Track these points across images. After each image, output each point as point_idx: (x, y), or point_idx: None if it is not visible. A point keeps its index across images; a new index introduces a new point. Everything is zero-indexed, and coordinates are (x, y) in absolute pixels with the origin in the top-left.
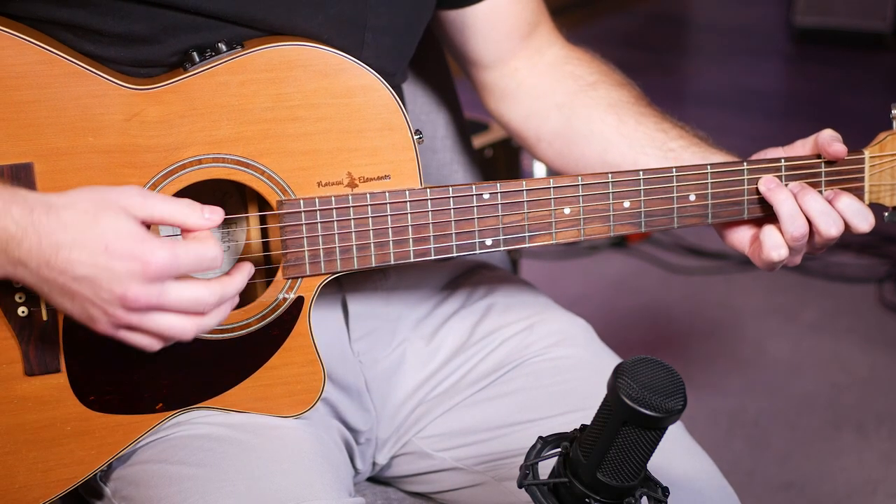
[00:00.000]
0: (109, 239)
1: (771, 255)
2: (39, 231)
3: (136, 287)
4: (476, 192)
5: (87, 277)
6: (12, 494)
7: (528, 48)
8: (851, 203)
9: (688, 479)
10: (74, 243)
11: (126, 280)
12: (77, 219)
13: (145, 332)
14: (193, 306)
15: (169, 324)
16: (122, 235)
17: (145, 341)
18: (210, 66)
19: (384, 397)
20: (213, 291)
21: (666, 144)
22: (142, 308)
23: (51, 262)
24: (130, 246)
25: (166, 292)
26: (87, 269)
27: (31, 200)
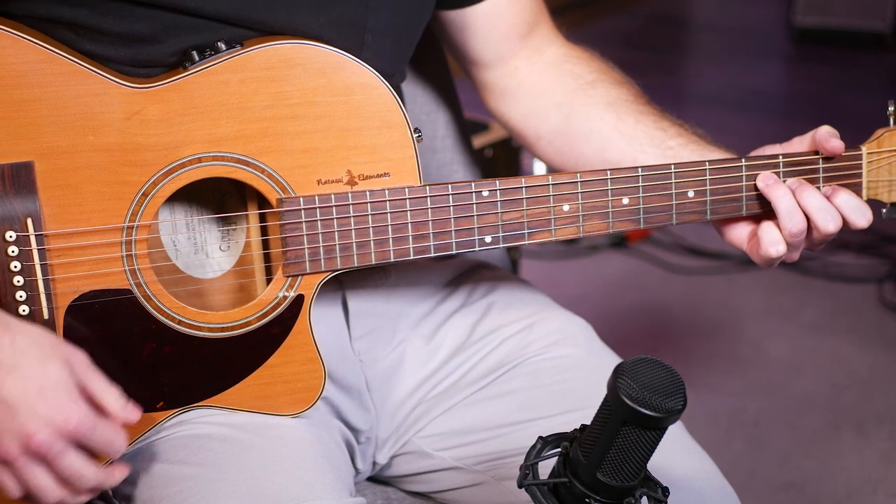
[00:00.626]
0: (48, 382)
1: (769, 251)
2: None
3: (45, 434)
4: (475, 189)
5: (10, 404)
6: None
7: (527, 47)
8: (849, 199)
9: (688, 479)
10: (15, 369)
11: (41, 424)
12: (28, 350)
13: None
14: (75, 480)
15: (42, 482)
16: (60, 385)
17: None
18: (210, 65)
19: (384, 396)
20: (96, 476)
21: (664, 142)
22: (37, 455)
23: None
24: (62, 398)
25: (64, 455)
26: (13, 397)
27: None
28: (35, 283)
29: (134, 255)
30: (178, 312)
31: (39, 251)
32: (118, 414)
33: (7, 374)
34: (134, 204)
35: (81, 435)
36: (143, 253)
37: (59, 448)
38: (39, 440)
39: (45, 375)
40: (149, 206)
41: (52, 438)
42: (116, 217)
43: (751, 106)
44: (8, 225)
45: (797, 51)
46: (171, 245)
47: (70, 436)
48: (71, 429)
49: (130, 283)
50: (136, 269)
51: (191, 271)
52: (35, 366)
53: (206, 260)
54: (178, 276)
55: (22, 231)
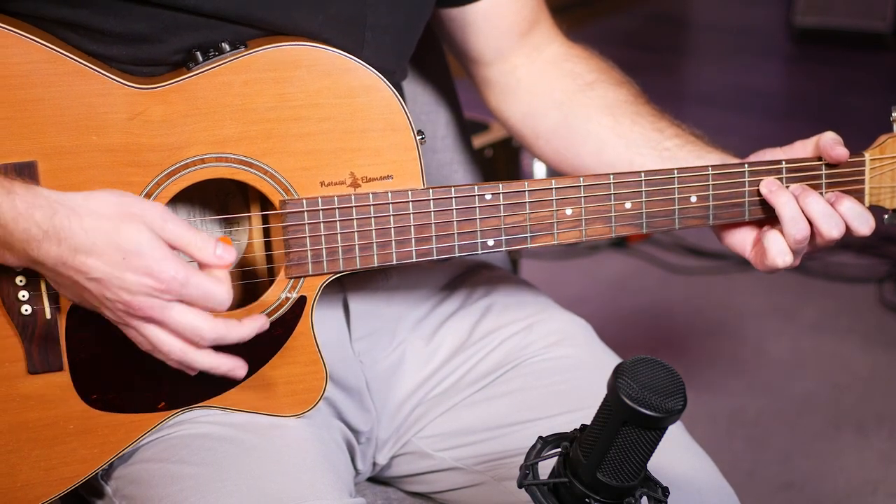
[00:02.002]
0: (127, 250)
1: (776, 261)
2: (60, 235)
3: (143, 298)
4: (478, 192)
5: (99, 280)
6: (14, 493)
7: (527, 45)
8: (853, 206)
9: (687, 479)
10: (93, 249)
11: (135, 290)
12: (98, 226)
13: (138, 333)
14: (189, 334)
15: (160, 338)
16: (140, 249)
17: (137, 338)
18: (213, 66)
19: (384, 397)
20: (213, 328)
21: (661, 144)
22: (142, 317)
23: (67, 263)
24: (146, 261)
25: (169, 311)
26: (101, 274)
27: (53, 202)
28: (37, 283)
29: None
30: None
31: None
32: (207, 260)
33: (87, 257)
34: None
35: (175, 291)
36: None
37: (159, 306)
38: (137, 304)
39: (123, 244)
40: None
41: (148, 300)
42: None
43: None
44: None
45: (797, 51)
46: None
47: (164, 293)
48: (163, 287)
49: None
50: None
51: None
52: (109, 238)
53: None
54: None
55: None
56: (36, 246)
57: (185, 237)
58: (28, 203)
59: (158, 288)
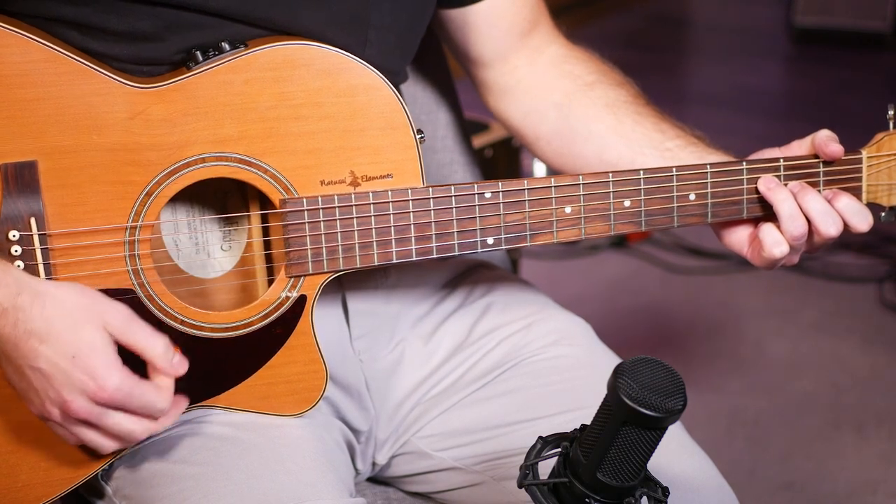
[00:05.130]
0: (81, 349)
1: (773, 251)
2: (18, 316)
3: (82, 402)
4: (478, 191)
5: (43, 372)
6: (14, 493)
7: (527, 46)
8: (851, 203)
9: (687, 479)
10: (47, 337)
11: (76, 392)
12: (59, 317)
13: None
14: (124, 437)
15: (93, 438)
16: (93, 351)
17: (68, 438)
18: (214, 65)
19: (383, 396)
20: (145, 429)
21: (663, 144)
22: (77, 420)
23: (19, 345)
24: (95, 364)
25: (105, 418)
26: (47, 365)
27: (21, 283)
28: None
29: (137, 255)
30: (181, 312)
31: (42, 250)
32: (163, 368)
33: (40, 344)
34: (137, 204)
35: (118, 402)
36: (146, 253)
37: (97, 412)
38: (76, 408)
39: (78, 342)
40: (152, 206)
41: (89, 405)
42: (119, 217)
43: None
44: (11, 224)
45: (797, 51)
46: (172, 245)
47: (106, 403)
48: (106, 396)
49: (133, 283)
50: (139, 269)
51: (192, 271)
52: (67, 333)
53: (208, 260)
54: (179, 276)
55: (25, 230)
56: None
57: (147, 343)
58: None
59: (100, 396)
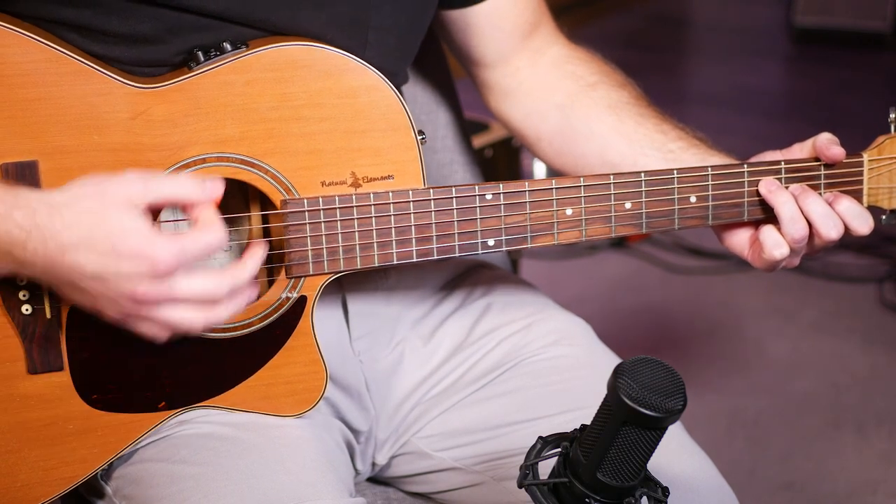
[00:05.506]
0: (116, 239)
1: (773, 253)
2: (44, 234)
3: (146, 285)
4: (479, 192)
5: (97, 275)
6: (14, 493)
7: (529, 48)
8: (851, 206)
9: (687, 479)
10: (80, 244)
11: (135, 279)
12: (81, 219)
13: (154, 322)
14: (203, 298)
15: (178, 316)
16: (128, 234)
17: (154, 330)
18: (215, 66)
19: (383, 397)
20: (223, 282)
21: (665, 146)
22: (151, 303)
23: (57, 263)
24: (137, 245)
25: (175, 287)
26: (95, 267)
27: (33, 202)
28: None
29: None
30: None
31: None
32: (200, 197)
33: (76, 253)
34: None
35: (177, 263)
36: None
37: (166, 286)
38: (143, 292)
39: (110, 234)
40: None
41: (152, 284)
42: None
43: (751, 106)
44: None
45: (797, 51)
46: None
47: (165, 271)
48: (163, 266)
49: None
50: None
51: None
52: (95, 230)
53: (208, 260)
54: None
55: None
56: (21, 248)
57: (173, 189)
58: (7, 204)
59: (159, 268)
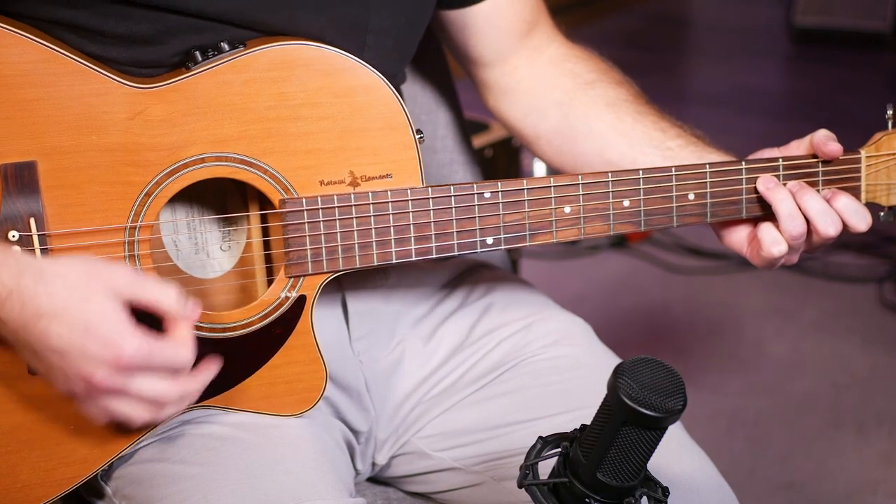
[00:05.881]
0: (90, 319)
1: (771, 251)
2: (24, 296)
3: (104, 372)
4: (477, 191)
5: (60, 350)
6: (14, 493)
7: (527, 46)
8: (849, 203)
9: (687, 479)
10: (55, 316)
11: (95, 364)
12: (64, 292)
13: (99, 409)
14: (154, 400)
15: (123, 410)
16: (104, 320)
17: (96, 415)
18: (213, 66)
19: (383, 397)
20: (174, 390)
21: (664, 143)
22: (103, 391)
23: (28, 327)
24: (109, 332)
25: (131, 384)
26: (62, 343)
27: (22, 264)
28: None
29: (136, 255)
30: None
31: (42, 251)
32: (179, 314)
33: (50, 323)
34: (136, 204)
35: (140, 363)
36: (146, 253)
37: (121, 381)
38: (99, 379)
39: (87, 313)
40: (151, 207)
41: (110, 374)
42: (119, 217)
43: (751, 106)
44: (11, 224)
45: (797, 51)
46: (171, 245)
47: (127, 366)
48: (126, 360)
49: None
50: (139, 270)
51: (192, 271)
52: (74, 306)
53: (207, 260)
54: (179, 276)
55: (25, 231)
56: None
57: (157, 295)
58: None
59: (121, 361)
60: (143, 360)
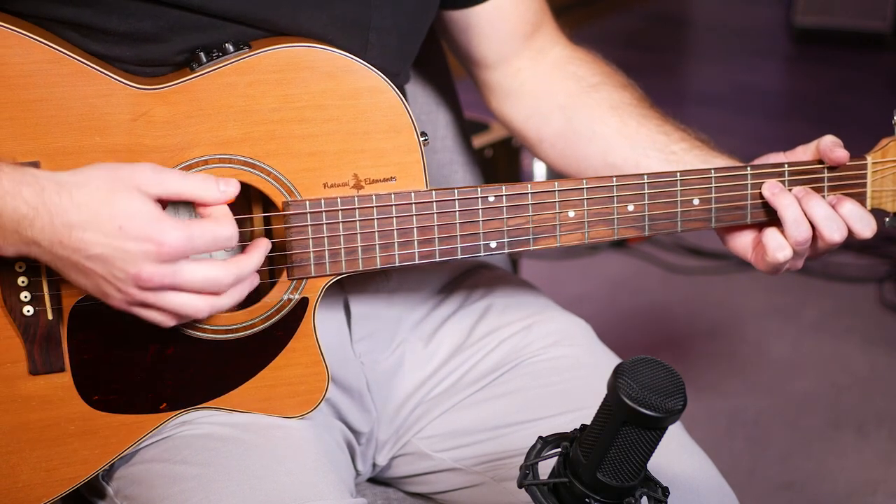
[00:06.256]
0: (123, 219)
1: (777, 256)
2: (52, 211)
3: (150, 267)
4: (481, 194)
5: (101, 257)
6: (15, 493)
7: (530, 48)
8: (854, 209)
9: (687, 479)
10: (88, 224)
11: (140, 260)
12: (90, 198)
13: (159, 310)
14: (208, 287)
15: (182, 302)
16: (136, 216)
17: (158, 318)
18: (217, 67)
19: (384, 398)
20: (228, 272)
21: (668, 147)
22: (155, 287)
23: (64, 242)
24: (144, 226)
25: (180, 272)
26: (101, 248)
27: (41, 179)
28: (39, 284)
29: None
30: None
31: None
32: (213, 199)
33: (83, 232)
34: None
35: (184, 249)
36: None
37: (170, 270)
38: (147, 275)
39: (117, 214)
40: None
41: (157, 267)
42: None
43: (751, 106)
44: None
45: (797, 51)
46: None
47: (170, 255)
48: (169, 249)
49: None
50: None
51: None
52: (102, 210)
53: None
54: None
55: None
56: (28, 225)
57: (186, 186)
58: (16, 181)
59: (164, 251)
60: (186, 244)
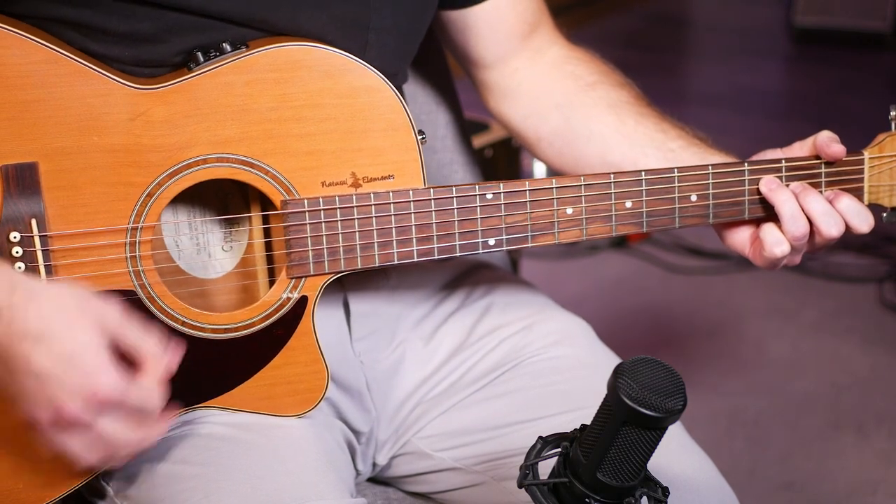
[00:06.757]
0: (76, 350)
1: (774, 251)
2: (13, 315)
3: (76, 405)
4: (479, 192)
5: (39, 375)
6: (16, 494)
7: (528, 48)
8: (852, 204)
9: (687, 479)
10: (41, 338)
11: (71, 394)
12: (55, 316)
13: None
14: (113, 442)
15: (78, 448)
16: (89, 352)
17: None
18: (215, 66)
19: (384, 397)
20: (136, 435)
21: (666, 145)
22: (68, 425)
23: (12, 346)
24: (91, 365)
25: (98, 421)
26: (43, 368)
27: (15, 282)
28: None
29: (138, 256)
30: (182, 313)
31: (43, 252)
32: (157, 364)
33: (34, 345)
34: (138, 205)
35: (113, 402)
36: (148, 254)
37: (89, 418)
38: (69, 411)
39: (73, 342)
40: (153, 208)
41: (82, 409)
42: (121, 218)
43: (751, 106)
44: (12, 226)
45: (797, 51)
46: (173, 246)
47: (100, 405)
48: (100, 398)
49: (134, 284)
50: (140, 271)
51: (193, 272)
52: (64, 332)
53: (209, 261)
54: (181, 276)
55: (26, 232)
56: None
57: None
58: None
59: (96, 397)
60: (118, 399)
